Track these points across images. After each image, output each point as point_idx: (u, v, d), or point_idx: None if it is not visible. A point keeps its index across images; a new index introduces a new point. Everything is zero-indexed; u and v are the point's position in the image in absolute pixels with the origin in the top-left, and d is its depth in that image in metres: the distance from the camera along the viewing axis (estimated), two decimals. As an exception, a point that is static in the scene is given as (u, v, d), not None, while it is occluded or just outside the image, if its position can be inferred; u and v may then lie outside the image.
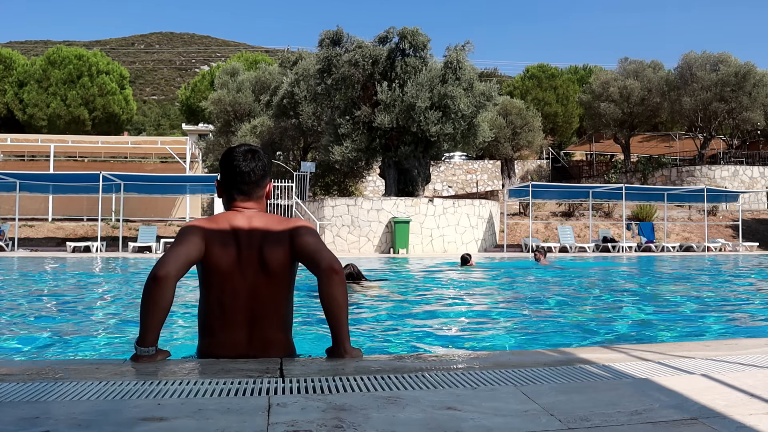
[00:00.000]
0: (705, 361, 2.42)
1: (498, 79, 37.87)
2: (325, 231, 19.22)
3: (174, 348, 2.81)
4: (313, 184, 25.68)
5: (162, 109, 78.70)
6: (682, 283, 10.29)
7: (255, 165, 2.48)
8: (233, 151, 2.52)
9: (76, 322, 5.46)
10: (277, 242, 2.38)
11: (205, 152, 28.99)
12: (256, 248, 2.37)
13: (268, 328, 2.42)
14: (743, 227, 22.63)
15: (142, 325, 2.24)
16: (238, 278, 2.35)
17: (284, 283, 2.44)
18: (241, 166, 2.46)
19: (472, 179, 37.42)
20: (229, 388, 1.87)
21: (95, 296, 7.83)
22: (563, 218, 24.18)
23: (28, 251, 17.49)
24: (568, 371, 2.19)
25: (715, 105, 29.03)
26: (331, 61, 19.37)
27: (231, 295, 2.36)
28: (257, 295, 2.37)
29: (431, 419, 1.63)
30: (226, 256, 2.34)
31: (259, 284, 2.37)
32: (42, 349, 4.16)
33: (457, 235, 19.42)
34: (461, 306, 6.90)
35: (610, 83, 32.01)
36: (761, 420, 1.66)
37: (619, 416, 1.68)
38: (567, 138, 43.48)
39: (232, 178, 2.48)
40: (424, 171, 20.92)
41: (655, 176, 31.13)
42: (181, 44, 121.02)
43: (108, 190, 19.27)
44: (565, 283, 9.75)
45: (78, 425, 1.54)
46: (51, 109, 33.98)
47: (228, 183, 2.50)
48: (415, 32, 19.05)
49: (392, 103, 18.19)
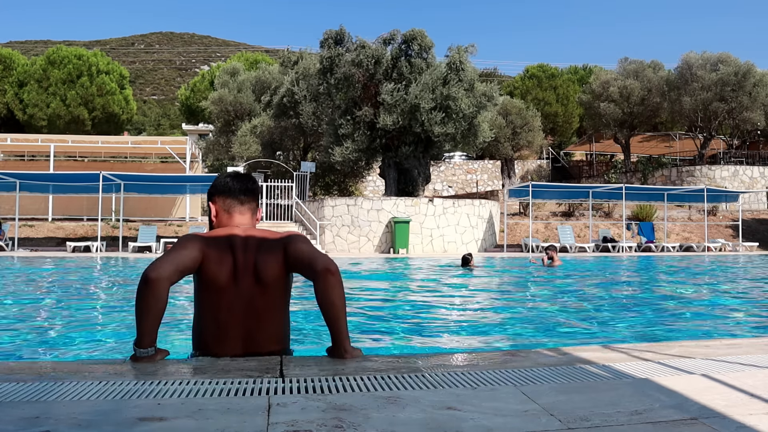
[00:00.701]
0: (705, 361, 2.42)
1: (498, 79, 37.93)
2: (325, 231, 19.22)
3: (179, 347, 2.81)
4: (313, 184, 25.67)
5: (162, 109, 78.71)
6: (682, 283, 10.29)
7: (247, 182, 2.60)
8: (222, 174, 2.65)
9: (76, 321, 5.46)
10: (272, 251, 2.41)
11: (205, 152, 28.97)
12: (252, 259, 2.39)
13: (265, 341, 2.44)
14: (743, 227, 22.63)
15: (138, 327, 2.25)
16: (233, 293, 2.36)
17: (280, 294, 2.45)
18: (234, 185, 2.56)
19: (472, 179, 37.43)
20: (229, 388, 1.87)
21: (95, 296, 7.83)
22: (563, 218, 24.17)
23: (28, 251, 17.49)
24: (568, 371, 2.19)
25: (716, 105, 29.03)
26: (333, 61, 19.37)
27: (227, 311, 2.37)
28: (253, 309, 2.38)
29: (431, 419, 1.63)
30: (223, 269, 2.36)
31: (254, 297, 2.38)
32: (42, 349, 4.16)
33: (457, 235, 19.43)
34: (461, 306, 6.90)
35: (610, 83, 32.01)
36: (761, 420, 1.66)
37: (619, 416, 1.68)
38: (567, 138, 43.47)
39: (226, 196, 2.56)
40: (425, 171, 20.92)
41: (655, 176, 31.13)
42: (181, 44, 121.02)
43: (108, 190, 19.26)
44: (565, 283, 9.76)
45: (78, 425, 1.54)
46: (51, 109, 33.97)
47: (222, 202, 2.56)
48: (423, 34, 19.13)
49: (396, 103, 18.21)
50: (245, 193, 2.56)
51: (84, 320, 5.58)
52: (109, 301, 7.29)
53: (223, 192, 2.56)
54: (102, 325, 5.30)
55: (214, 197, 2.57)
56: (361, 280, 10.15)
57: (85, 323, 5.42)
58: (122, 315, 5.92)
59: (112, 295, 8.04)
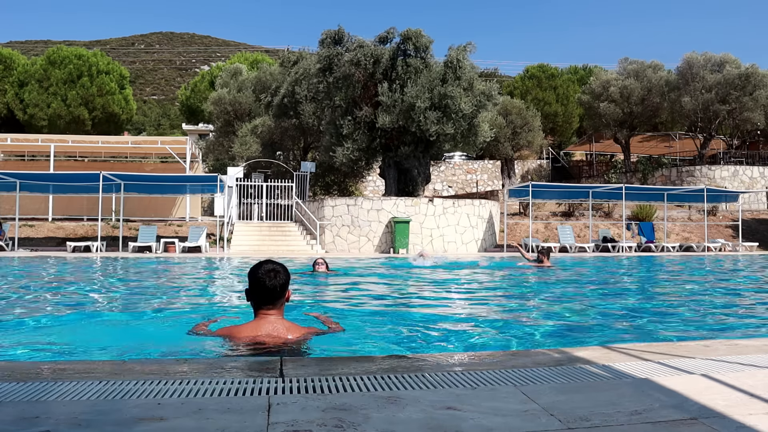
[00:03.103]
0: (705, 361, 2.42)
1: (498, 79, 37.88)
2: (325, 231, 19.22)
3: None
4: (313, 184, 25.66)
5: (162, 109, 78.67)
6: (682, 283, 10.29)
7: (276, 282, 3.18)
8: (259, 269, 3.23)
9: (76, 322, 5.46)
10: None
11: (205, 152, 28.96)
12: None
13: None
14: (743, 227, 22.62)
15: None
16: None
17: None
18: (265, 283, 3.16)
19: (472, 179, 37.42)
20: (229, 388, 1.87)
21: (96, 296, 7.82)
22: (563, 218, 24.17)
23: (29, 251, 17.48)
24: (568, 371, 2.19)
25: (717, 106, 29.01)
26: (332, 60, 19.36)
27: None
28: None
29: (431, 419, 1.63)
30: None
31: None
32: (42, 349, 4.16)
33: (457, 235, 19.42)
34: (461, 306, 6.89)
35: (610, 83, 31.99)
36: (761, 420, 1.66)
37: (619, 416, 1.67)
38: (567, 138, 43.46)
39: (259, 292, 3.19)
40: (424, 171, 20.91)
41: (655, 176, 31.12)
42: (181, 44, 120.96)
43: (108, 190, 19.26)
44: (565, 283, 9.75)
45: (78, 425, 1.54)
46: (51, 109, 33.96)
47: (255, 295, 3.21)
48: (419, 34, 19.06)
49: (393, 103, 18.19)
50: (274, 290, 3.25)
51: (84, 320, 5.57)
52: (110, 301, 7.29)
53: (255, 288, 3.27)
54: (102, 324, 5.30)
55: (250, 289, 3.31)
56: (361, 280, 10.15)
57: (86, 323, 5.42)
58: (122, 315, 5.92)
59: (112, 294, 8.04)
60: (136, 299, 7.40)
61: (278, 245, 19.34)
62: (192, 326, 3.82)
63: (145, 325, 5.26)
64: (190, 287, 9.19)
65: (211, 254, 17.28)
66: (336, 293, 8.06)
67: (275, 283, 3.16)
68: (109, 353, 4.03)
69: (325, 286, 8.84)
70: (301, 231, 20.25)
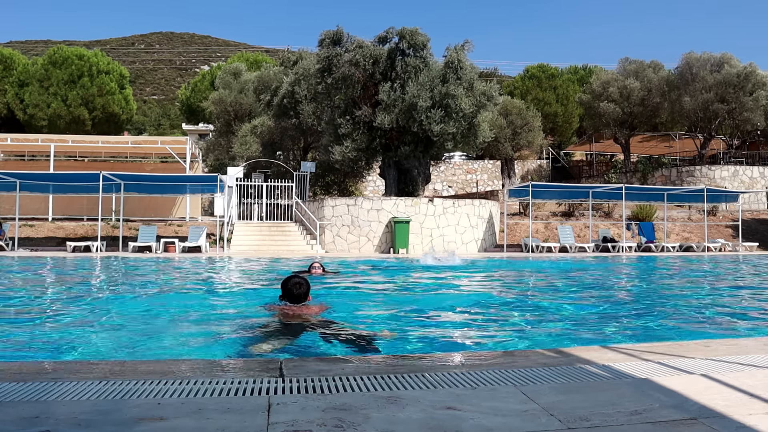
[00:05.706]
0: (705, 361, 2.42)
1: (498, 79, 37.89)
2: (325, 231, 19.22)
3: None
4: (313, 184, 25.66)
5: (162, 109, 78.66)
6: (682, 283, 10.29)
7: (301, 291, 4.91)
8: (288, 282, 4.96)
9: (76, 321, 5.46)
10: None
11: (206, 152, 28.96)
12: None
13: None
14: (743, 227, 22.62)
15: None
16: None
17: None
18: (293, 291, 4.89)
19: (472, 179, 37.42)
20: (229, 388, 1.87)
21: (95, 296, 7.82)
22: (563, 218, 24.16)
23: (29, 251, 17.48)
24: (568, 371, 2.19)
25: (716, 106, 29.00)
26: (331, 61, 19.35)
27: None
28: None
29: (431, 419, 1.63)
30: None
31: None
32: (42, 348, 4.15)
33: (457, 235, 19.42)
34: (460, 306, 6.89)
35: (610, 83, 31.99)
36: (761, 420, 1.66)
37: (619, 416, 1.67)
38: (567, 138, 43.45)
39: (290, 297, 4.89)
40: (424, 171, 20.91)
41: (655, 176, 31.12)
42: (181, 44, 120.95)
43: (108, 190, 19.25)
44: (565, 283, 9.75)
45: (78, 425, 1.54)
46: (51, 109, 33.96)
47: (287, 298, 4.90)
48: (414, 32, 19.02)
49: (393, 103, 18.18)
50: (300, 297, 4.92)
51: (84, 320, 5.57)
52: (110, 301, 7.29)
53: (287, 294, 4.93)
54: (102, 325, 5.30)
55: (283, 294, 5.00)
56: (361, 279, 10.14)
57: (85, 323, 5.42)
58: (122, 315, 5.92)
59: (111, 294, 8.04)
60: (136, 299, 7.40)
61: (278, 245, 19.34)
62: (263, 304, 5.41)
63: (145, 325, 5.26)
64: (190, 287, 9.19)
65: (211, 254, 17.28)
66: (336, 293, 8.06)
67: (300, 292, 4.89)
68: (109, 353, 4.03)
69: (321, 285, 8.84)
70: (301, 231, 20.25)
